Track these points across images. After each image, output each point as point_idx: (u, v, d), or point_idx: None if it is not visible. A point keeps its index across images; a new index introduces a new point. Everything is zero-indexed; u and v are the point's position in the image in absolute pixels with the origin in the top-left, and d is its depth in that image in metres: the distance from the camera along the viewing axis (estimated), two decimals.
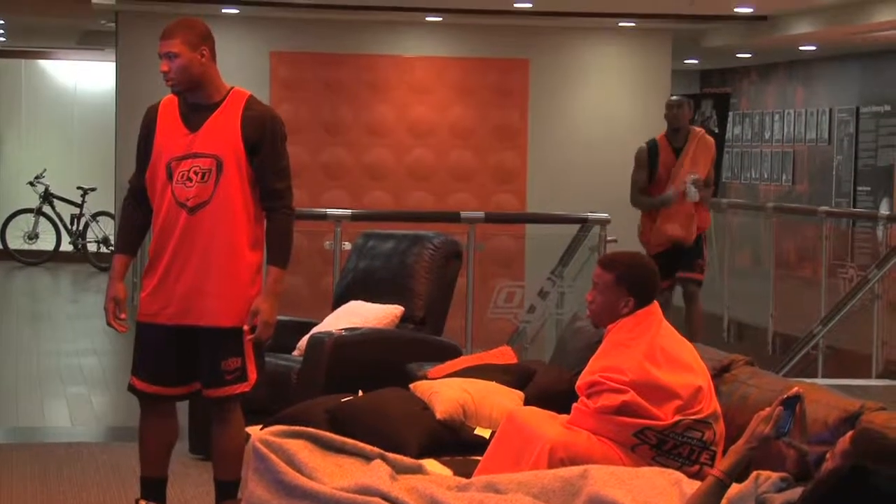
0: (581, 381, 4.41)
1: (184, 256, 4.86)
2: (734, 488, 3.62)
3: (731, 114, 17.13)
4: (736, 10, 12.75)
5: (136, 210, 5.03)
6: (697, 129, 9.34)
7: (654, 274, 4.58)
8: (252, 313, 4.86)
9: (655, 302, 4.56)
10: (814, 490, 3.16)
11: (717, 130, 16.08)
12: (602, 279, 4.53)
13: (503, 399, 5.06)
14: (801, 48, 15.23)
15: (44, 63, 18.15)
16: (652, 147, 9.19)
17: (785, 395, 3.58)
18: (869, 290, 9.69)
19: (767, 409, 3.59)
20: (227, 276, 4.86)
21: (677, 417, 4.24)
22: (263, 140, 4.88)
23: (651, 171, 9.13)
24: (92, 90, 17.90)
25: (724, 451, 4.20)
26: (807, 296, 11.59)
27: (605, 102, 13.74)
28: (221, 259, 4.85)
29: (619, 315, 4.50)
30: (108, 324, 4.99)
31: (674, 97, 9.49)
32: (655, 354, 4.37)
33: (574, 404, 4.43)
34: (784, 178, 16.89)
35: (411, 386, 5.23)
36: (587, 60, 13.75)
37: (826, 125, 16.09)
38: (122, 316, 4.98)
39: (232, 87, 4.97)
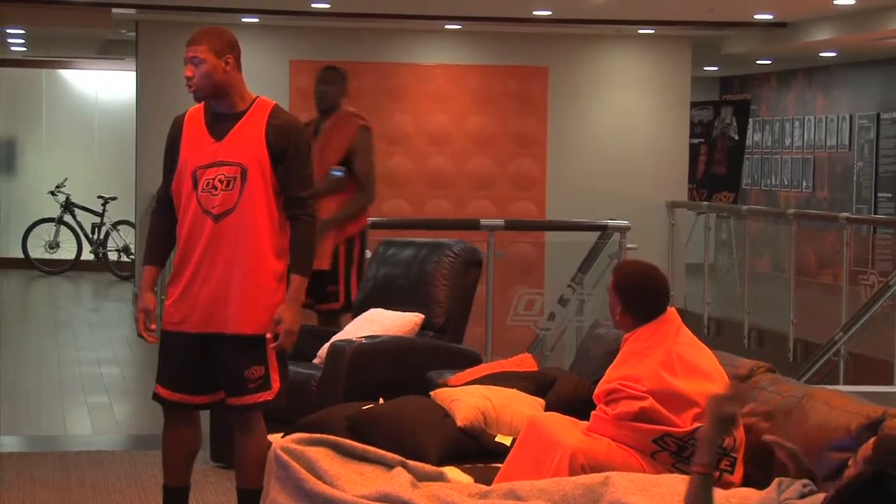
0: (599, 389, 4.43)
1: (209, 264, 4.87)
2: (756, 495, 3.61)
3: (751, 120, 17.10)
4: (755, 16, 12.73)
5: (164, 221, 5.04)
6: (347, 110, 7.66)
7: (652, 289, 4.60)
8: (275, 322, 4.86)
9: (672, 309, 4.57)
10: (836, 496, 3.15)
11: (737, 137, 16.06)
12: (610, 283, 4.65)
13: (524, 406, 5.06)
14: (820, 54, 15.20)
15: (64, 72, 18.22)
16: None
17: (737, 375, 3.55)
18: (890, 297, 9.66)
19: (721, 391, 3.59)
20: (251, 283, 4.87)
21: (696, 424, 4.24)
22: (288, 149, 4.90)
23: None
24: (112, 99, 17.96)
25: (744, 458, 4.19)
26: (828, 302, 11.56)
27: (625, 110, 13.74)
28: (246, 267, 4.86)
29: (615, 319, 4.59)
30: (139, 334, 5.01)
31: (323, 68, 7.84)
32: (673, 363, 4.38)
33: (593, 412, 4.43)
34: (804, 184, 16.85)
35: (432, 393, 5.23)
36: (606, 68, 13.74)
37: (846, 131, 16.05)
38: (153, 326, 4.99)
39: (257, 97, 4.99)
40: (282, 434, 4.68)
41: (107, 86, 18.11)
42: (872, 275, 11.03)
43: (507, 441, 4.83)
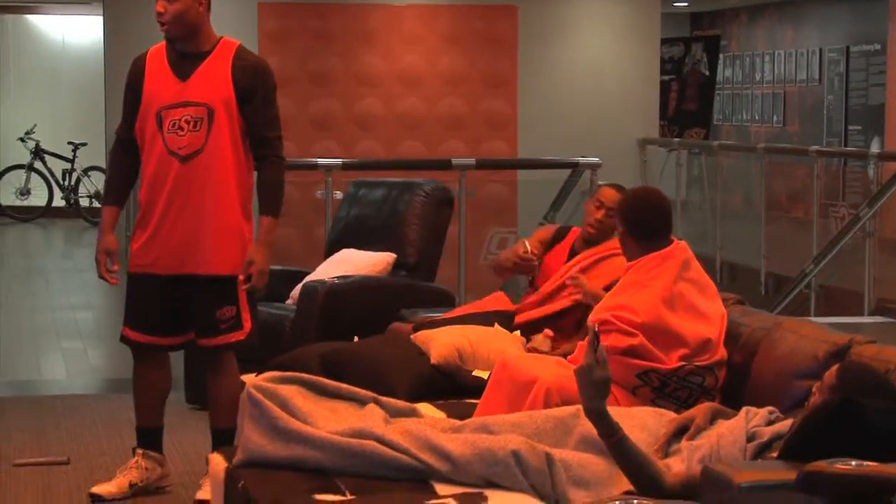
0: (593, 317, 4.36)
1: (178, 206, 4.86)
2: (724, 425, 3.62)
3: (721, 56, 17.08)
4: None
5: (124, 161, 5.02)
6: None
7: (653, 207, 4.49)
8: (247, 263, 4.87)
9: (682, 244, 4.47)
10: (804, 423, 3.17)
11: (707, 73, 16.04)
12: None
13: (503, 342, 5.08)
14: None
15: (31, 18, 18.04)
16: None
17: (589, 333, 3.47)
18: (860, 229, 9.71)
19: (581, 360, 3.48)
20: (222, 224, 4.87)
21: (682, 363, 4.24)
22: (255, 89, 4.88)
23: None
24: (80, 44, 17.81)
25: (723, 396, 4.21)
26: (799, 236, 11.60)
27: (595, 47, 13.70)
28: (216, 207, 4.86)
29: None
30: (101, 276, 4.99)
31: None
32: (673, 298, 4.32)
33: (580, 342, 4.42)
34: (775, 118, 16.87)
35: (412, 336, 5.24)
36: (576, 5, 13.69)
37: (816, 65, 16.06)
38: (115, 268, 4.98)
39: (221, 37, 4.97)
40: (255, 374, 4.69)
41: (74, 30, 17.94)
42: (843, 207, 11.08)
43: (484, 375, 4.84)
